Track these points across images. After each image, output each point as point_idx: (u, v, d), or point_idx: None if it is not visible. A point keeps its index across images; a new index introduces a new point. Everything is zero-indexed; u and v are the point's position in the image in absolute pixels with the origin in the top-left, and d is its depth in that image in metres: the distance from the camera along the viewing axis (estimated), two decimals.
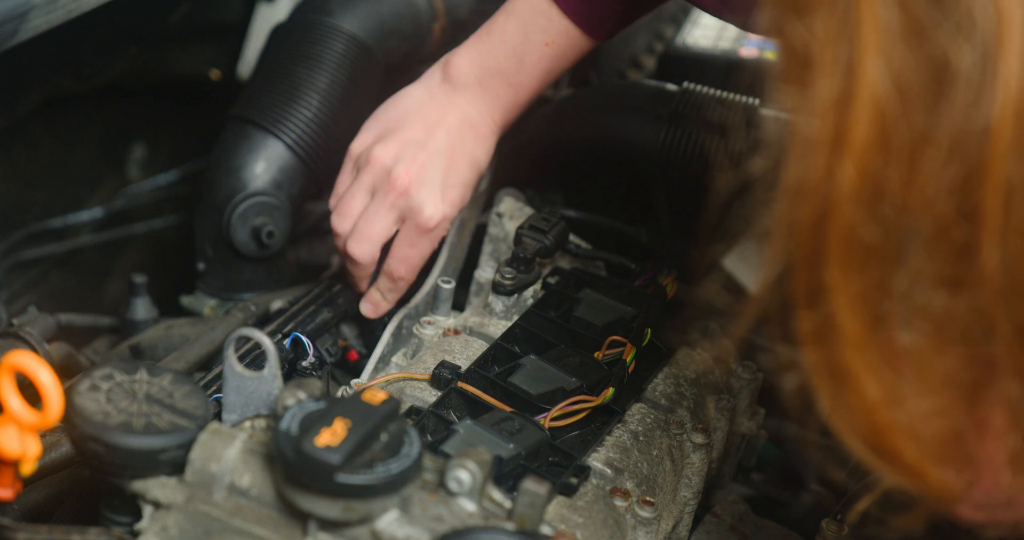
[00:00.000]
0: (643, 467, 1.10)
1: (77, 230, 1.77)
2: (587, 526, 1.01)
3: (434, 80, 1.33)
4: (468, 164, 1.31)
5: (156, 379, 0.93)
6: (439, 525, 0.86)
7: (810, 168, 0.69)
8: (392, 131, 1.31)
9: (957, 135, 0.66)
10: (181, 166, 1.92)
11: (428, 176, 1.28)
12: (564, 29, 1.29)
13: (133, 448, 0.88)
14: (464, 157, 1.31)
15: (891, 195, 0.68)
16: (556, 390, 1.14)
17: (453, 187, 1.30)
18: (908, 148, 0.67)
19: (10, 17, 1.16)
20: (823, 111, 0.68)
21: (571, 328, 1.23)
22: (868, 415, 0.74)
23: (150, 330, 1.45)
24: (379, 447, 0.86)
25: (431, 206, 1.28)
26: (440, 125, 1.30)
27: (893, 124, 0.67)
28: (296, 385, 0.91)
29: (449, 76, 1.32)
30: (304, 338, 1.26)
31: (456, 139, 1.30)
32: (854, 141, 0.67)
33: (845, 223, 0.69)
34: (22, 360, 0.83)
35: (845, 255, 0.70)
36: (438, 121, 1.31)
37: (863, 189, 0.68)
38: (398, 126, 1.31)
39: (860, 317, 0.72)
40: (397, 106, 1.33)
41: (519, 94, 1.33)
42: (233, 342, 0.96)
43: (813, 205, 0.70)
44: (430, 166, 1.29)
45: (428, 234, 1.30)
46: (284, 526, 0.87)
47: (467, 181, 1.31)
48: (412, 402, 1.13)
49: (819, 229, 0.70)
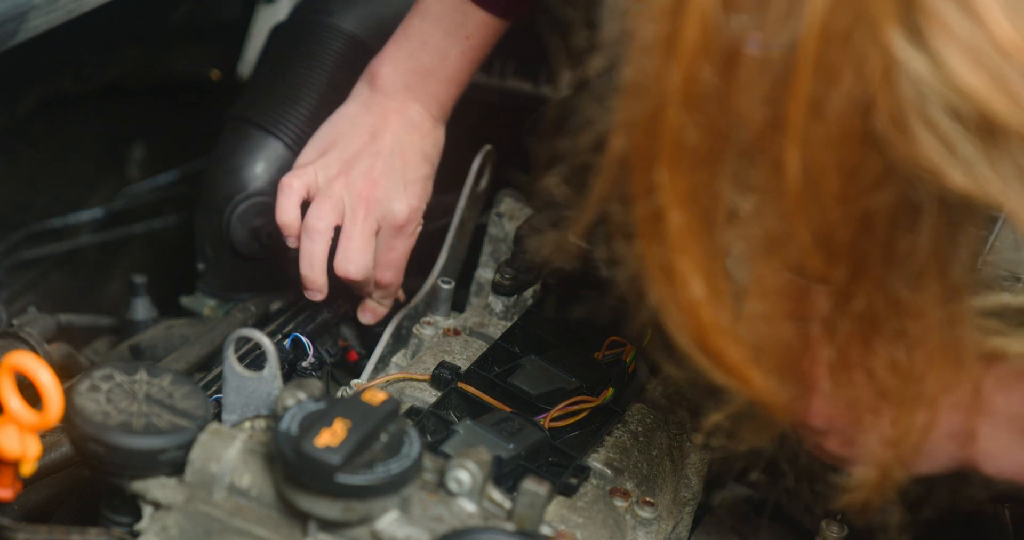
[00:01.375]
0: (643, 467, 1.10)
1: (77, 230, 1.77)
2: (587, 526, 1.01)
3: (363, 94, 1.36)
4: (420, 159, 1.34)
5: (156, 379, 0.93)
6: (439, 525, 0.86)
7: (645, 70, 0.74)
8: (338, 150, 1.33)
9: (769, 47, 0.71)
10: (181, 166, 1.91)
11: (389, 179, 1.31)
12: (481, 20, 1.32)
13: (133, 448, 0.88)
14: (415, 154, 1.34)
15: (712, 101, 0.73)
16: (556, 390, 1.14)
17: (413, 182, 1.33)
18: (728, 56, 0.72)
19: (10, 17, 1.16)
20: (659, 16, 0.73)
21: (571, 328, 1.23)
22: (693, 312, 0.79)
23: (150, 330, 1.45)
24: (379, 447, 0.86)
25: (399, 204, 1.31)
26: (384, 131, 1.33)
27: (716, 32, 0.72)
28: (296, 385, 0.91)
29: (377, 86, 1.35)
30: (304, 338, 1.26)
31: (403, 139, 1.34)
32: (683, 45, 0.72)
33: (673, 124, 0.74)
34: (22, 360, 0.83)
35: (674, 155, 0.75)
36: (380, 127, 1.33)
37: (689, 92, 0.73)
38: (342, 144, 1.33)
39: (687, 216, 0.76)
40: (334, 128, 1.35)
41: (450, 88, 1.36)
42: (233, 342, 0.96)
43: (647, 105, 0.75)
44: (388, 169, 1.32)
45: (403, 231, 1.32)
46: (284, 526, 0.87)
47: (424, 174, 1.35)
48: (412, 402, 1.13)
49: (651, 128, 0.75)
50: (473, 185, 1.41)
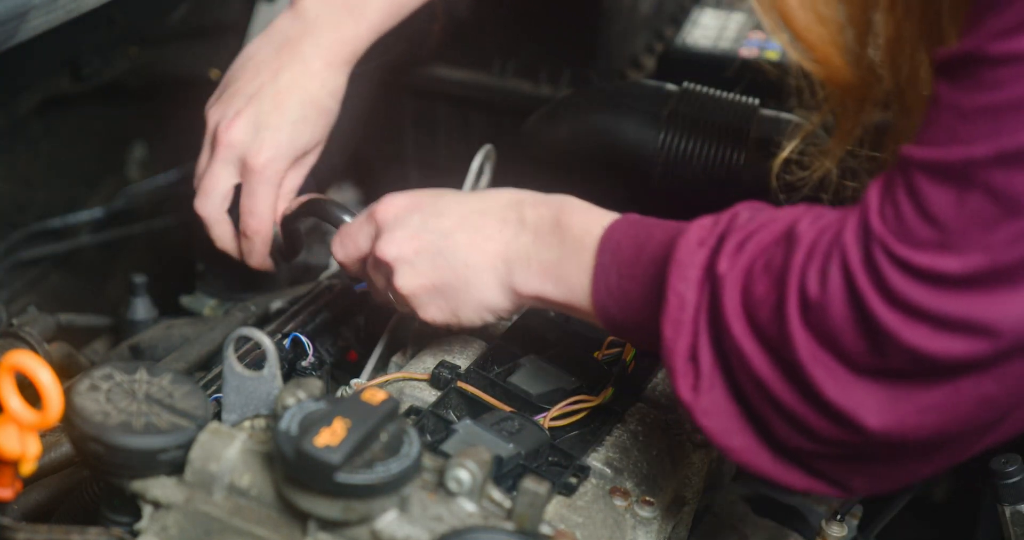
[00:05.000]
0: (643, 467, 1.10)
1: (77, 230, 1.77)
2: (587, 526, 1.02)
3: (278, 22, 1.37)
4: (298, 102, 1.33)
5: (156, 379, 0.93)
6: (439, 525, 0.86)
7: None
8: (227, 87, 1.36)
9: None
10: (181, 166, 1.91)
11: (251, 123, 1.32)
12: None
13: (133, 448, 0.88)
14: (293, 96, 1.33)
15: None
16: (556, 390, 1.14)
17: (277, 128, 1.32)
18: None
19: (10, 17, 1.16)
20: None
21: (571, 328, 1.23)
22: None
23: (150, 330, 1.45)
24: (379, 447, 0.86)
25: (255, 151, 1.31)
26: (268, 69, 1.34)
27: None
28: (296, 385, 0.91)
29: (293, 12, 1.36)
30: (304, 338, 1.26)
31: (284, 80, 1.33)
32: None
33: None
34: (22, 360, 0.83)
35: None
36: (267, 64, 1.34)
37: None
38: (233, 81, 1.36)
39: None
40: (238, 61, 1.38)
41: (359, 23, 1.36)
42: (233, 342, 0.96)
43: None
44: (253, 113, 1.32)
45: (258, 177, 1.32)
46: (284, 526, 0.87)
47: (297, 118, 1.33)
48: (412, 402, 1.13)
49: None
50: (473, 184, 1.41)
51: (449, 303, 1.10)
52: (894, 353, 0.81)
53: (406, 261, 1.09)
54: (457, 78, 1.81)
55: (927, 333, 0.80)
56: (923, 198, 0.81)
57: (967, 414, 0.83)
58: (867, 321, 0.82)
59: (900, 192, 0.82)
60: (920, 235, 0.80)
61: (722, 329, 0.89)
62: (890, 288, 0.81)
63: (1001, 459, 1.23)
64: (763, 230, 0.90)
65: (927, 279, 0.80)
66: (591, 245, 1.01)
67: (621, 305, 1.00)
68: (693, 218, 0.96)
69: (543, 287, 1.05)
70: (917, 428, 0.83)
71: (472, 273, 1.07)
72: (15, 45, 1.20)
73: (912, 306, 0.80)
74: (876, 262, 0.81)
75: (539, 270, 1.05)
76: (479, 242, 1.07)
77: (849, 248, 0.83)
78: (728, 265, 0.89)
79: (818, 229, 0.87)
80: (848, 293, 0.82)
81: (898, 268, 0.80)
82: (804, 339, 0.84)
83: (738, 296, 0.88)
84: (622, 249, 1.00)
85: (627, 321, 1.00)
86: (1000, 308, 0.78)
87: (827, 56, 0.98)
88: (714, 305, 0.90)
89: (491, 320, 1.12)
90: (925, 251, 0.80)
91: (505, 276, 1.07)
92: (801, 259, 0.85)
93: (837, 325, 0.83)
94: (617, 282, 0.99)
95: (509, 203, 1.09)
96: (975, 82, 0.79)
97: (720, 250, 0.91)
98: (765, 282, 0.87)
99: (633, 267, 0.98)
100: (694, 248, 0.92)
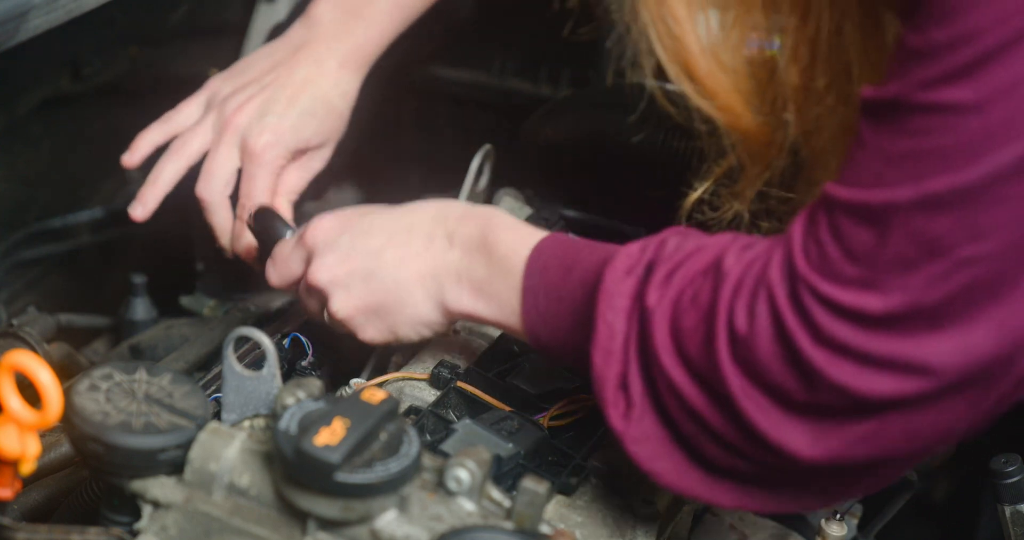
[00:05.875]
0: None
1: (77, 230, 1.77)
2: (586, 525, 1.02)
3: (294, 28, 1.40)
4: (308, 97, 1.35)
5: (155, 379, 0.93)
6: (438, 524, 0.86)
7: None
8: (240, 74, 1.38)
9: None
10: None
11: (259, 109, 1.33)
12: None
13: (132, 448, 0.88)
14: (305, 90, 1.35)
15: None
16: (555, 389, 1.14)
17: (282, 117, 1.34)
18: None
19: (10, 17, 1.16)
20: None
21: None
22: (678, 31, 0.95)
23: (150, 330, 1.45)
24: (378, 446, 0.86)
25: (256, 133, 1.32)
26: (285, 64, 1.36)
27: None
28: (295, 385, 0.91)
29: (307, 19, 1.39)
30: (303, 338, 1.26)
31: (299, 75, 1.35)
32: None
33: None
34: (22, 360, 0.83)
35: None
36: (282, 61, 1.37)
37: None
38: (247, 69, 1.38)
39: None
40: (252, 55, 1.41)
41: (369, 28, 1.38)
42: (232, 342, 0.97)
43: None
44: (263, 100, 1.34)
45: (257, 161, 1.33)
46: (283, 526, 0.87)
47: (304, 111, 1.35)
48: (411, 401, 1.13)
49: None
50: (473, 184, 1.42)
51: (385, 322, 1.10)
52: (823, 389, 0.82)
53: (339, 285, 1.10)
54: (457, 78, 1.82)
55: (854, 371, 0.80)
56: (846, 237, 0.81)
57: (896, 445, 0.84)
58: (795, 358, 0.82)
59: (823, 231, 0.83)
60: (844, 273, 0.81)
61: (652, 360, 0.90)
62: (816, 325, 0.81)
63: (1001, 459, 1.23)
64: (690, 260, 0.91)
65: (851, 317, 0.80)
66: (518, 266, 1.01)
67: (550, 328, 1.00)
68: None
69: (474, 305, 1.05)
70: (849, 458, 0.84)
71: (404, 291, 1.08)
72: (15, 45, 1.20)
73: (838, 343, 0.81)
74: (801, 299, 0.82)
75: (469, 288, 1.05)
76: (408, 259, 1.08)
77: (775, 285, 0.84)
78: (657, 297, 0.90)
79: (745, 263, 0.87)
80: (775, 330, 0.83)
81: (823, 306, 0.81)
82: (734, 374, 0.85)
83: (667, 328, 0.89)
84: (549, 271, 1.00)
85: (556, 344, 1.01)
86: (927, 347, 0.79)
87: (729, 104, 0.98)
88: (644, 336, 0.90)
89: (428, 335, 1.12)
90: (849, 289, 0.80)
91: (436, 293, 1.07)
92: (728, 294, 0.86)
93: (765, 361, 0.84)
94: (545, 305, 1.00)
95: (435, 218, 1.09)
96: (900, 127, 0.79)
97: (648, 281, 0.91)
98: (694, 316, 0.88)
99: (560, 290, 0.99)
100: (622, 277, 0.93)
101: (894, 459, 0.87)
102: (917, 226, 0.78)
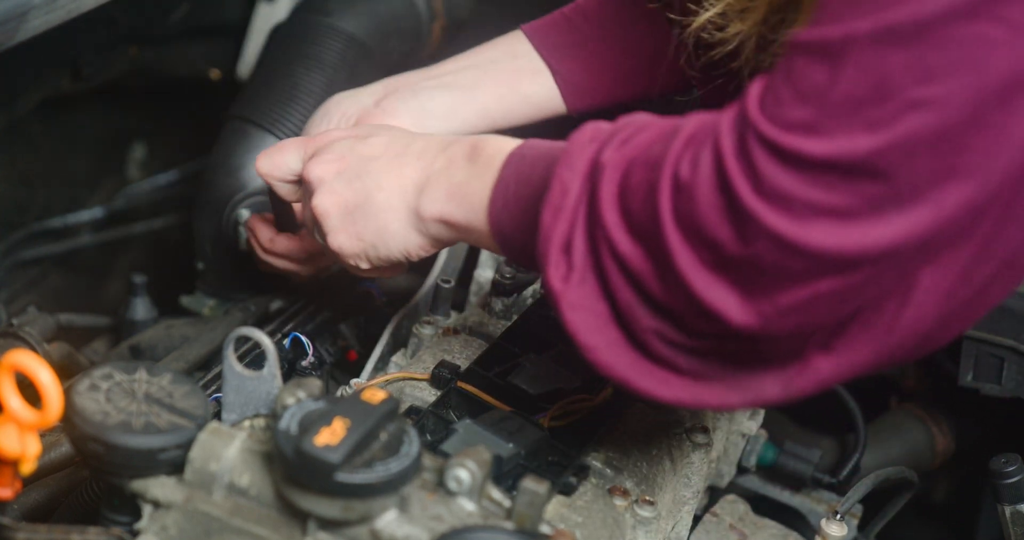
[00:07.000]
0: (643, 466, 1.10)
1: (77, 230, 1.77)
2: (586, 525, 1.02)
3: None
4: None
5: (156, 379, 0.93)
6: (438, 524, 0.86)
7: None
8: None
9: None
10: (181, 166, 1.92)
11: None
12: None
13: (132, 448, 0.88)
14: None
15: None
16: (555, 389, 1.14)
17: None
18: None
19: (10, 17, 1.16)
20: None
21: None
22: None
23: (150, 330, 1.45)
24: (378, 446, 0.86)
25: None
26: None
27: None
28: (295, 385, 0.91)
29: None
30: (303, 338, 1.26)
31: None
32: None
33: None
34: (22, 360, 0.83)
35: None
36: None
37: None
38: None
39: None
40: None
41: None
42: (233, 342, 0.97)
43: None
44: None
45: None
46: (284, 526, 0.87)
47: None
48: (411, 402, 1.13)
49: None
50: None
51: (357, 225, 1.10)
52: (759, 239, 0.81)
53: (326, 181, 1.11)
54: None
55: (789, 219, 0.80)
56: (799, 77, 0.81)
57: (824, 313, 0.84)
58: (733, 205, 0.82)
59: (779, 76, 0.83)
60: (791, 116, 0.80)
61: (596, 218, 0.89)
62: (757, 171, 0.81)
63: (1001, 459, 1.23)
64: (652, 127, 0.91)
65: (792, 161, 0.80)
66: (499, 163, 1.02)
67: (513, 215, 1.00)
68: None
69: (445, 207, 1.05)
70: (778, 326, 0.84)
71: (383, 196, 1.08)
72: (15, 45, 1.20)
73: (776, 190, 0.80)
74: (747, 146, 0.82)
75: (446, 191, 1.05)
76: (396, 167, 1.09)
77: (723, 134, 0.83)
78: (611, 155, 0.90)
79: (700, 122, 0.87)
80: (716, 176, 0.83)
81: (766, 150, 0.81)
82: (673, 228, 0.85)
83: (615, 185, 0.89)
84: (525, 161, 1.00)
85: (517, 232, 1.00)
86: (864, 198, 0.79)
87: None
88: (592, 195, 0.90)
89: (396, 255, 1.10)
90: (793, 133, 0.80)
91: (413, 200, 1.08)
92: (678, 147, 0.86)
93: (704, 210, 0.83)
94: (515, 190, 1.00)
95: (440, 141, 1.10)
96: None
97: (609, 142, 0.92)
98: (642, 171, 0.88)
99: (531, 173, 0.99)
100: (585, 143, 0.93)
101: (822, 327, 0.86)
102: (870, 61, 0.78)
